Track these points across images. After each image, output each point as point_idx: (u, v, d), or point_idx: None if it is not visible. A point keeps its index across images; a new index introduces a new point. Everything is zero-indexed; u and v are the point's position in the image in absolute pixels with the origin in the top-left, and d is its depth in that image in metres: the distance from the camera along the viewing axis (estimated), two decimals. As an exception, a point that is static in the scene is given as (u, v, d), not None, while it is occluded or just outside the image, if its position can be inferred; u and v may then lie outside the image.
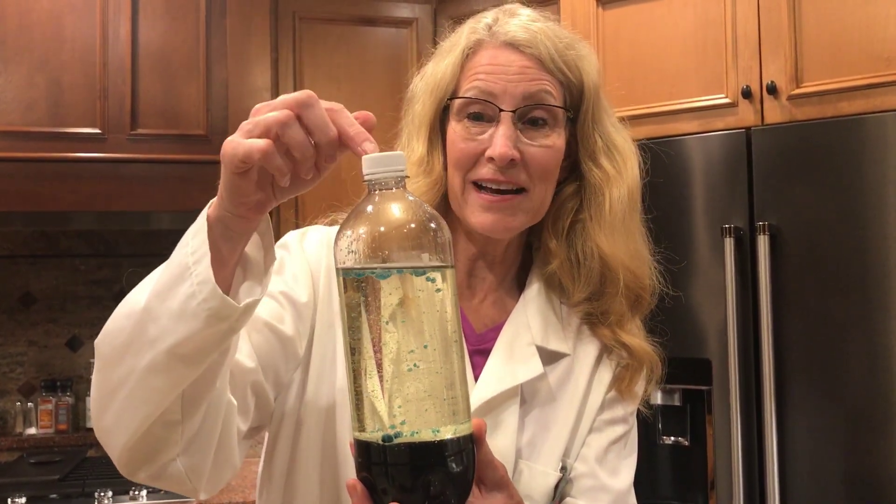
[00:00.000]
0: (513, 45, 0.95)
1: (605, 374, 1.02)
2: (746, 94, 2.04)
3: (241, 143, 0.69)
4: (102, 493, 2.33)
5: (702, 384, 2.02)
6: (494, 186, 0.94)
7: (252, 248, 0.78)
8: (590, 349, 1.02)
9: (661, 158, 2.10)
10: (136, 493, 2.34)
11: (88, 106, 2.57)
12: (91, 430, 2.86)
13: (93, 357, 2.72)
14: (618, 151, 1.00)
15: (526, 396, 0.96)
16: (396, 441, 0.66)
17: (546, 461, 0.95)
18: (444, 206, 1.01)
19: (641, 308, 1.03)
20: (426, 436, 0.66)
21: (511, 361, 0.96)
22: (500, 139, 0.92)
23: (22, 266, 2.97)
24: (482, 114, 0.95)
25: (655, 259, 1.06)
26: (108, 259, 3.04)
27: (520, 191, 0.95)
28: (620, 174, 0.99)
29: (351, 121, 0.71)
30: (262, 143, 0.68)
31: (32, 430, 2.85)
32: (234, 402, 0.84)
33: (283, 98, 0.71)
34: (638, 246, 1.02)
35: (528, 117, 0.94)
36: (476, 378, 0.95)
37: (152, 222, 2.91)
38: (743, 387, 1.94)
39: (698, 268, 2.03)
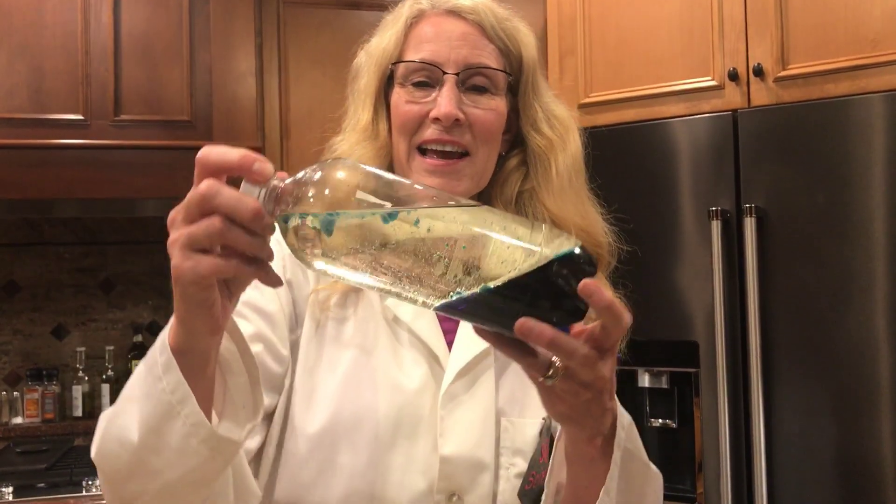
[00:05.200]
0: (454, 13, 0.98)
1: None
2: (733, 76, 2.04)
3: (198, 260, 0.65)
4: (90, 482, 2.32)
5: (689, 367, 2.03)
6: (439, 148, 0.96)
7: (224, 345, 0.77)
8: None
9: (647, 141, 2.11)
10: (125, 481, 2.33)
11: (71, 92, 2.54)
12: (78, 418, 2.86)
13: (78, 346, 2.67)
14: (559, 121, 1.03)
15: (498, 355, 0.97)
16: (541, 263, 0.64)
17: (531, 414, 0.96)
18: (393, 172, 1.02)
19: (601, 266, 1.04)
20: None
21: None
22: (444, 99, 0.95)
23: (5, 255, 2.94)
24: (426, 81, 0.97)
25: (642, 238, 1.07)
26: (92, 247, 3.01)
27: (464, 154, 0.97)
28: (563, 140, 1.01)
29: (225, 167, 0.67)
30: (212, 260, 0.65)
31: (19, 420, 2.84)
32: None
33: (191, 201, 0.65)
34: (587, 207, 1.03)
35: (471, 83, 0.97)
36: (449, 343, 0.97)
37: (137, 209, 2.89)
38: (730, 369, 1.95)
39: (685, 250, 2.04)
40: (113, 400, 2.72)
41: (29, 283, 2.96)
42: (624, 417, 0.81)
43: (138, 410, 0.74)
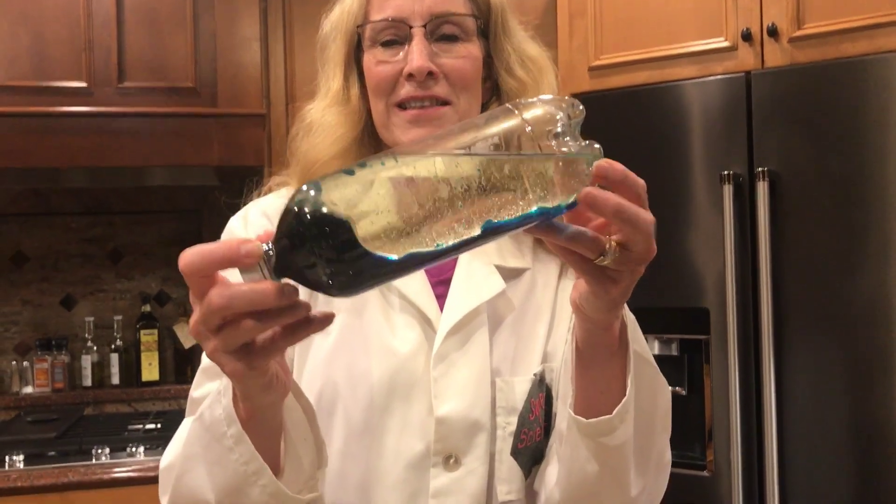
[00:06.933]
0: None
1: (571, 280, 1.01)
2: (746, 36, 1.99)
3: (248, 358, 0.63)
4: (100, 450, 2.32)
5: (699, 333, 2.01)
6: (417, 105, 0.94)
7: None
8: (550, 264, 1.02)
9: (658, 104, 2.07)
10: (133, 449, 2.34)
11: (74, 59, 2.51)
12: (87, 388, 2.87)
13: (87, 316, 2.66)
14: (532, 61, 1.01)
15: (491, 315, 0.96)
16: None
17: (524, 371, 0.95)
18: (367, 137, 1.00)
19: None
20: None
21: (472, 283, 0.96)
22: (414, 54, 0.93)
23: (13, 225, 2.93)
24: (394, 39, 0.95)
25: (652, 203, 1.04)
26: (100, 217, 3.01)
27: (444, 104, 0.95)
28: (537, 82, 1.00)
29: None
30: (260, 350, 0.63)
31: (29, 389, 2.85)
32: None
33: (208, 316, 0.61)
34: None
35: (440, 34, 0.95)
36: (441, 307, 0.95)
37: (145, 178, 2.87)
38: (741, 336, 1.92)
39: (696, 215, 2.00)
40: (122, 370, 2.73)
41: (37, 254, 2.95)
42: (629, 315, 0.80)
43: (209, 475, 0.76)
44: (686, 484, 2.01)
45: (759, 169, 1.89)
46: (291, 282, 0.60)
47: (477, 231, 0.61)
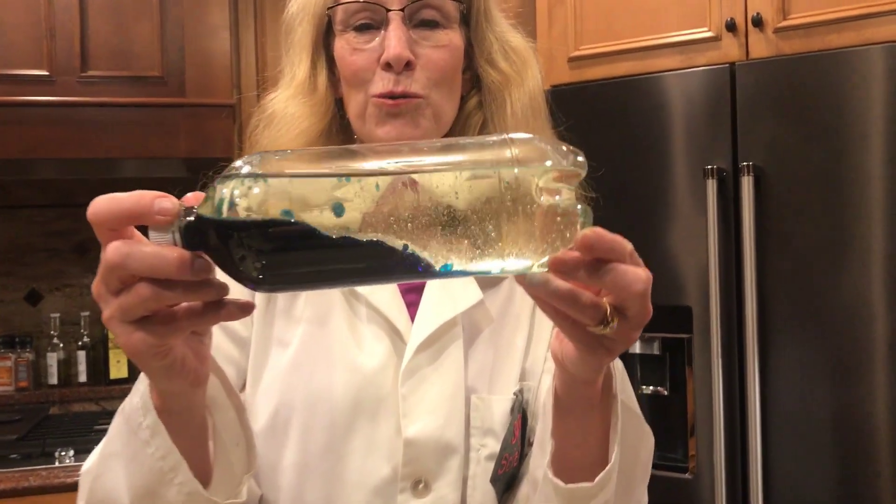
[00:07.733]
0: None
1: None
2: (730, 27, 1.94)
3: (146, 331, 0.56)
4: (63, 453, 2.24)
5: (682, 332, 1.96)
6: (395, 97, 0.86)
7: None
8: None
9: (640, 96, 2.01)
10: (99, 451, 2.26)
11: (34, 46, 2.41)
12: (53, 386, 2.78)
13: (53, 312, 2.56)
14: (515, 52, 0.94)
15: (467, 327, 0.88)
16: None
17: (501, 389, 0.88)
18: (336, 130, 0.93)
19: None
20: None
21: (447, 292, 0.88)
22: (392, 40, 0.85)
23: (-26, 218, 2.84)
24: (369, 23, 0.87)
25: (634, 197, 0.98)
26: (65, 209, 2.91)
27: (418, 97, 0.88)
28: (520, 75, 0.93)
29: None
30: (160, 326, 0.56)
31: (-8, 388, 2.76)
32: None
33: (104, 272, 0.55)
34: None
35: (419, 19, 0.87)
36: (413, 317, 0.88)
37: (113, 170, 2.78)
38: (724, 334, 1.88)
39: (679, 211, 1.95)
40: (90, 367, 2.62)
41: (0, 248, 2.86)
42: (617, 362, 0.73)
43: (126, 474, 0.68)
44: (667, 486, 1.97)
45: (744, 163, 1.84)
46: (206, 256, 0.53)
47: (434, 268, 0.54)
